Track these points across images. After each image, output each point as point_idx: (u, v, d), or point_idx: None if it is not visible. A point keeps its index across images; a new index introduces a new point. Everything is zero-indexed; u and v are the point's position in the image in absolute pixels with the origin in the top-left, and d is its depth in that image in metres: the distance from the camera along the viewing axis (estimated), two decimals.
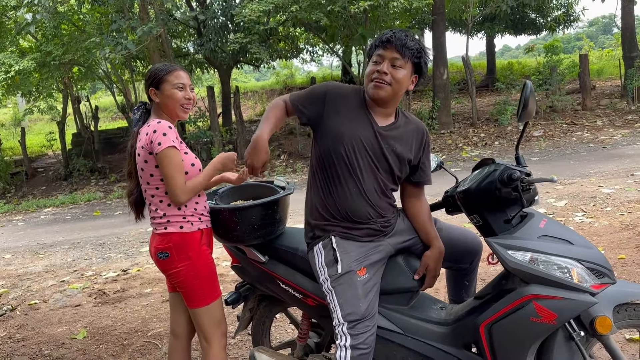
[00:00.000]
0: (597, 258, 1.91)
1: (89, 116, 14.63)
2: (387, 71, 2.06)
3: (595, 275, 1.89)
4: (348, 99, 2.16)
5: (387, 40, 2.06)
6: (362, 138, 2.10)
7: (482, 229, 2.08)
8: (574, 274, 1.86)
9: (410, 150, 2.18)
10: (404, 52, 2.05)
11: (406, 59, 2.07)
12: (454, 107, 15.74)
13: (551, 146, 11.28)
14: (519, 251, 1.90)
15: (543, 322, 1.84)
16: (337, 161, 2.11)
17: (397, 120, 2.20)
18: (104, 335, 4.12)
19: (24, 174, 13.87)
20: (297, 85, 20.23)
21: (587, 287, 1.85)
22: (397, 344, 2.11)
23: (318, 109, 2.14)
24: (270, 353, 2.42)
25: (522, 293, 1.89)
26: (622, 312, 1.96)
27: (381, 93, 2.09)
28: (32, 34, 12.23)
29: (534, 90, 2.00)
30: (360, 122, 2.12)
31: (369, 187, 2.12)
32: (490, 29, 18.92)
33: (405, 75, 2.09)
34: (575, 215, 5.92)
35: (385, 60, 2.07)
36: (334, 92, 2.17)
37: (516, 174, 1.94)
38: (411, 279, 2.15)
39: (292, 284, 2.27)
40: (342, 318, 2.01)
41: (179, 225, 2.28)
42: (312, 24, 13.03)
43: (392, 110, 2.19)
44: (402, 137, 2.17)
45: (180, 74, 2.36)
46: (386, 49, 2.07)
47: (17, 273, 6.42)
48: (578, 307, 1.85)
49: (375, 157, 2.12)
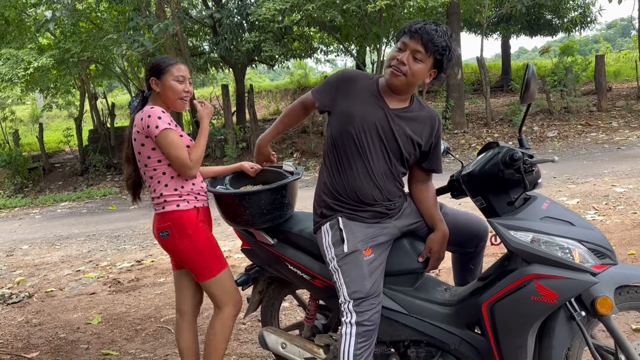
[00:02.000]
0: (598, 239, 1.95)
1: (105, 113, 14.82)
2: (406, 62, 2.08)
3: (596, 255, 1.93)
4: (360, 83, 2.21)
5: (415, 30, 2.07)
6: (373, 119, 2.15)
7: (486, 211, 2.12)
8: (575, 254, 1.89)
9: (421, 134, 2.20)
10: (428, 46, 2.06)
11: (429, 54, 2.08)
12: (468, 107, 15.71)
13: (565, 147, 11.23)
14: (521, 231, 1.94)
15: (544, 301, 1.88)
16: (347, 142, 2.16)
17: (411, 105, 2.24)
18: (118, 320, 4.21)
19: (41, 169, 14.09)
20: (310, 85, 20.29)
21: (588, 267, 1.89)
22: (401, 323, 2.16)
23: (332, 93, 2.22)
24: (278, 332, 2.49)
25: (524, 272, 1.92)
26: (624, 293, 1.98)
27: (395, 82, 2.13)
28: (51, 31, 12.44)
29: (535, 72, 2.04)
30: (370, 104, 2.17)
31: (378, 169, 2.17)
32: (506, 29, 18.84)
33: (423, 69, 2.11)
34: (587, 213, 5.90)
35: (407, 50, 2.08)
36: (346, 76, 2.23)
37: (518, 154, 1.98)
38: (416, 261, 2.20)
39: (300, 265, 2.33)
40: (348, 296, 2.06)
41: (176, 204, 2.40)
42: (326, 23, 13.10)
43: (406, 97, 2.23)
44: (414, 120, 2.21)
45: (182, 67, 2.48)
46: (412, 39, 2.08)
47: (34, 263, 6.55)
48: (579, 287, 1.88)
49: (385, 139, 2.16)
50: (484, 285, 2.07)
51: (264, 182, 2.57)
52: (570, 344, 1.95)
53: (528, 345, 1.94)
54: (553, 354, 1.93)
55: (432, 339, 2.14)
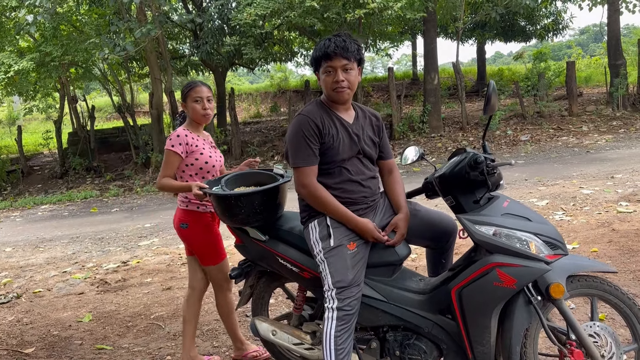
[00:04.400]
0: (552, 232, 2.23)
1: (85, 116, 14.83)
2: (343, 78, 2.39)
3: (550, 247, 2.20)
4: (321, 118, 2.43)
5: (333, 52, 2.35)
6: (347, 144, 2.45)
7: (455, 208, 2.38)
8: (531, 246, 2.17)
9: (370, 136, 2.55)
10: (349, 56, 2.37)
11: (352, 60, 2.40)
12: (445, 111, 16.10)
13: (537, 150, 11.64)
14: (485, 225, 2.21)
15: (504, 286, 2.15)
16: (333, 165, 2.45)
17: (357, 112, 2.57)
18: (108, 318, 4.37)
19: (20, 172, 14.05)
20: (291, 89, 20.51)
21: (542, 257, 2.16)
22: (381, 310, 2.41)
23: (317, 144, 2.42)
24: (269, 321, 2.71)
25: (487, 261, 2.20)
26: (575, 282, 2.27)
27: (345, 97, 2.44)
28: (32, 34, 12.46)
29: (496, 88, 2.32)
30: (339, 131, 2.45)
31: (358, 172, 2.47)
32: (481, 35, 19.34)
33: (356, 75, 2.44)
34: (556, 214, 6.23)
35: (337, 69, 2.38)
36: (309, 124, 2.41)
37: (481, 158, 2.26)
38: (394, 254, 2.44)
39: (290, 259, 2.55)
40: (332, 284, 2.31)
41: (196, 206, 3.02)
42: (306, 29, 13.34)
43: (350, 105, 2.55)
44: (366, 125, 2.55)
45: (199, 89, 3.04)
46: (334, 59, 2.36)
47: (19, 265, 6.64)
48: (534, 273, 2.15)
49: (358, 151, 2.49)
50: (453, 275, 2.33)
51: (257, 184, 2.79)
52: (528, 325, 2.21)
53: (492, 326, 2.21)
54: (513, 334, 2.19)
55: (408, 324, 2.39)
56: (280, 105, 19.94)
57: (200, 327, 3.87)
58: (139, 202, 10.86)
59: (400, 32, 16.81)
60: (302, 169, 2.40)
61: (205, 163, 3.05)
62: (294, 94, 18.67)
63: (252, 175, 2.88)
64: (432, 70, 14.35)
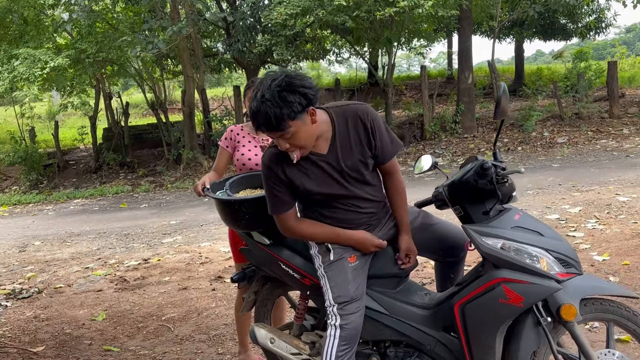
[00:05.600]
0: (566, 249, 2.06)
1: (120, 112, 15.07)
2: (287, 145, 2.03)
3: (562, 265, 2.03)
4: (282, 166, 2.14)
5: (260, 130, 2.03)
6: (324, 181, 2.15)
7: (463, 219, 2.23)
8: (542, 262, 2.01)
9: (359, 151, 2.15)
10: (274, 128, 1.98)
11: (286, 130, 1.98)
12: (479, 111, 15.71)
13: (574, 153, 11.22)
14: (492, 238, 2.07)
15: (510, 303, 2.00)
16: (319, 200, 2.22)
17: (335, 126, 2.14)
18: (121, 318, 4.36)
19: (56, 166, 14.37)
20: (323, 87, 20.40)
21: (553, 274, 2.00)
22: (383, 324, 2.29)
23: (287, 190, 2.17)
24: (268, 328, 2.62)
25: (493, 276, 2.05)
26: (589, 305, 2.09)
27: (304, 154, 2.10)
28: (69, 32, 12.70)
29: (507, 91, 2.15)
30: (310, 171, 2.15)
31: (352, 198, 2.22)
32: (519, 34, 18.80)
33: (300, 128, 1.99)
34: (588, 222, 5.95)
35: (278, 140, 2.04)
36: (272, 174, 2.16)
37: (487, 163, 2.10)
38: (399, 265, 2.32)
39: (292, 265, 2.45)
40: (333, 300, 2.19)
41: None
42: (338, 26, 13.21)
43: (322, 130, 2.12)
44: (345, 145, 2.14)
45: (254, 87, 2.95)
46: (268, 133, 2.04)
47: (45, 259, 6.75)
48: (543, 292, 1.99)
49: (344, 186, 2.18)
50: (459, 290, 2.19)
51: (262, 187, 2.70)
52: (536, 348, 2.06)
53: (496, 346, 2.06)
54: (519, 357, 2.04)
55: (410, 340, 2.26)
56: None
57: (208, 331, 3.81)
58: (167, 199, 10.95)
59: (435, 30, 16.50)
60: (279, 216, 2.24)
61: (243, 164, 3.01)
62: (326, 92, 18.54)
63: (258, 176, 2.78)
64: (467, 69, 14.02)
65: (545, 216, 6.34)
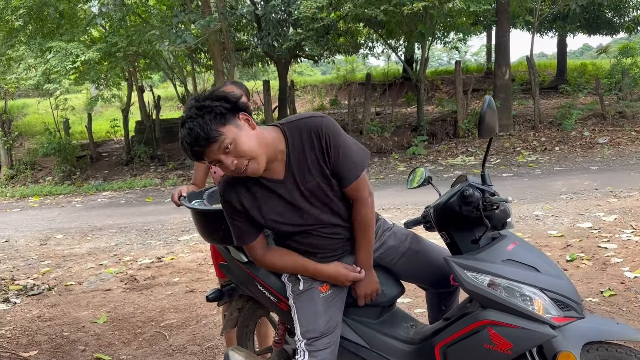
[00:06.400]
0: (565, 289, 1.77)
1: (152, 105, 15.18)
2: (234, 160, 1.77)
3: (560, 307, 1.76)
4: (237, 196, 1.93)
5: (192, 156, 1.81)
6: (283, 211, 1.93)
7: (451, 247, 1.99)
8: (536, 304, 1.73)
9: (318, 172, 1.89)
10: (208, 141, 1.73)
11: (218, 141, 1.74)
12: (517, 108, 15.15)
13: (615, 155, 10.64)
14: (479, 273, 1.80)
15: (497, 350, 1.74)
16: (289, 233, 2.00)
17: (289, 149, 1.87)
18: (122, 322, 4.26)
19: (89, 158, 14.59)
20: (356, 81, 20.10)
21: (547, 318, 1.72)
22: (361, 357, 2.06)
23: (247, 218, 1.95)
24: (244, 354, 2.42)
25: (478, 317, 1.79)
26: (594, 351, 1.79)
27: (258, 171, 1.83)
28: (102, 25, 12.82)
29: (494, 106, 1.87)
30: (266, 203, 1.93)
31: (320, 224, 1.98)
32: (562, 28, 18.04)
33: (237, 134, 1.75)
34: (623, 232, 5.54)
35: (222, 159, 1.77)
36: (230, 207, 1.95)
37: (468, 191, 1.84)
38: (382, 294, 2.08)
39: (268, 286, 2.25)
40: (301, 335, 1.97)
41: None
42: (371, 20, 12.90)
43: (276, 151, 1.87)
44: (302, 166, 1.88)
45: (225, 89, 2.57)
46: (204, 156, 1.79)
47: (63, 254, 6.77)
48: (535, 339, 1.73)
49: (309, 213, 1.94)
50: (444, 326, 1.94)
51: None
52: None
53: None
54: None
55: None
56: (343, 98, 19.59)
57: (202, 342, 3.66)
58: None
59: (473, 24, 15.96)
60: (246, 246, 2.02)
61: (214, 173, 2.86)
62: (360, 86, 18.25)
63: None
64: (503, 65, 13.51)
65: (577, 224, 5.95)
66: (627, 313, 3.62)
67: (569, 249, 5.15)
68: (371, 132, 13.58)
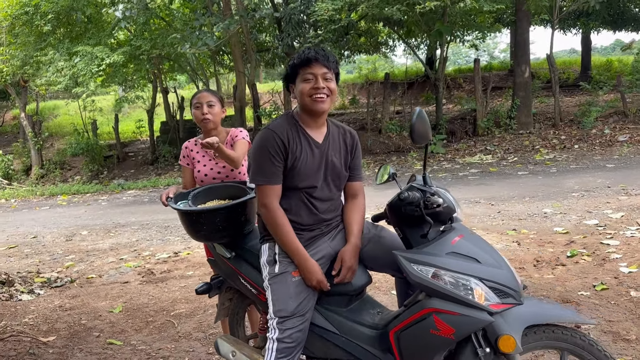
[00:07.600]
0: (503, 279, 1.93)
1: (176, 106, 15.59)
2: (324, 85, 2.21)
3: (498, 295, 1.92)
4: (287, 134, 2.24)
5: (314, 57, 2.21)
6: (311, 167, 2.26)
7: (404, 241, 2.16)
8: (476, 293, 1.90)
9: (342, 156, 2.36)
10: (330, 65, 2.23)
11: (332, 72, 2.24)
12: (537, 106, 15.06)
13: (634, 152, 10.56)
14: (424, 266, 1.97)
15: (441, 335, 1.91)
16: (293, 188, 2.27)
17: (330, 130, 2.35)
18: (136, 311, 4.53)
19: (116, 158, 15.07)
20: (378, 80, 20.20)
21: (485, 305, 1.89)
22: (332, 342, 2.24)
23: (281, 162, 2.23)
24: (232, 341, 2.64)
25: (424, 305, 1.97)
26: (539, 333, 1.95)
27: (324, 106, 2.23)
28: (128, 28, 13.24)
29: (425, 116, 2.06)
30: (305, 151, 2.26)
31: (319, 199, 2.29)
32: (585, 24, 17.81)
33: (335, 86, 2.27)
34: (628, 229, 5.59)
35: (317, 76, 2.20)
36: (275, 141, 2.22)
37: (403, 194, 2.03)
38: (349, 284, 2.27)
39: (249, 280, 2.46)
40: (273, 313, 2.18)
41: None
42: (389, 19, 13.02)
43: (324, 120, 2.34)
44: (338, 144, 2.35)
45: (199, 95, 3.09)
46: (314, 67, 2.20)
47: (87, 249, 7.11)
48: (474, 324, 1.89)
49: (324, 176, 2.30)
50: (399, 313, 2.12)
51: (231, 198, 2.72)
52: None
53: None
54: None
55: None
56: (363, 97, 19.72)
57: (207, 330, 3.90)
58: None
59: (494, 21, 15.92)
60: (263, 187, 2.23)
61: (201, 180, 3.07)
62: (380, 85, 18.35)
63: (225, 188, 2.81)
64: (523, 62, 13.47)
65: (584, 221, 6.02)
66: (614, 306, 3.72)
67: (572, 246, 5.23)
68: (390, 131, 13.71)
